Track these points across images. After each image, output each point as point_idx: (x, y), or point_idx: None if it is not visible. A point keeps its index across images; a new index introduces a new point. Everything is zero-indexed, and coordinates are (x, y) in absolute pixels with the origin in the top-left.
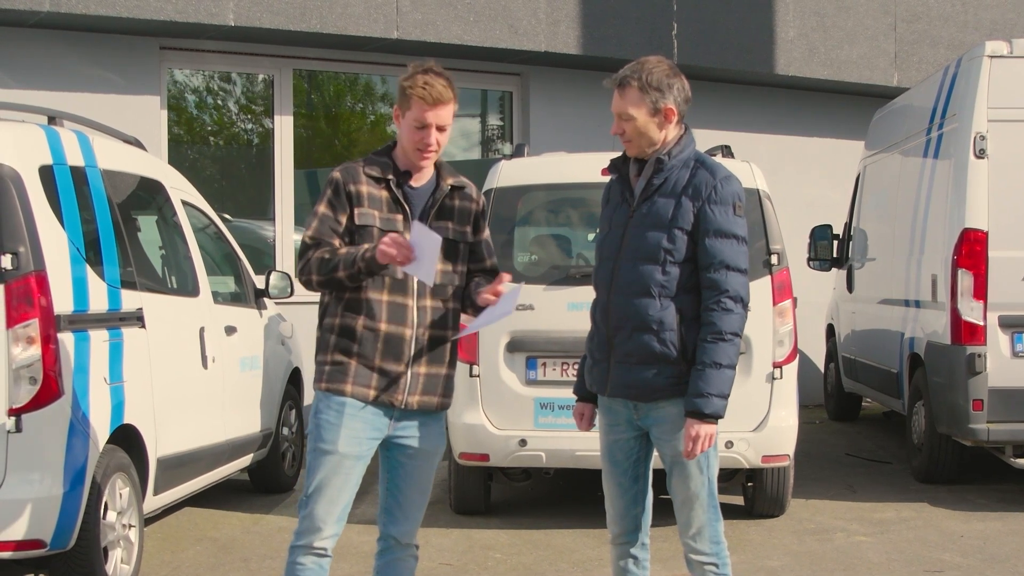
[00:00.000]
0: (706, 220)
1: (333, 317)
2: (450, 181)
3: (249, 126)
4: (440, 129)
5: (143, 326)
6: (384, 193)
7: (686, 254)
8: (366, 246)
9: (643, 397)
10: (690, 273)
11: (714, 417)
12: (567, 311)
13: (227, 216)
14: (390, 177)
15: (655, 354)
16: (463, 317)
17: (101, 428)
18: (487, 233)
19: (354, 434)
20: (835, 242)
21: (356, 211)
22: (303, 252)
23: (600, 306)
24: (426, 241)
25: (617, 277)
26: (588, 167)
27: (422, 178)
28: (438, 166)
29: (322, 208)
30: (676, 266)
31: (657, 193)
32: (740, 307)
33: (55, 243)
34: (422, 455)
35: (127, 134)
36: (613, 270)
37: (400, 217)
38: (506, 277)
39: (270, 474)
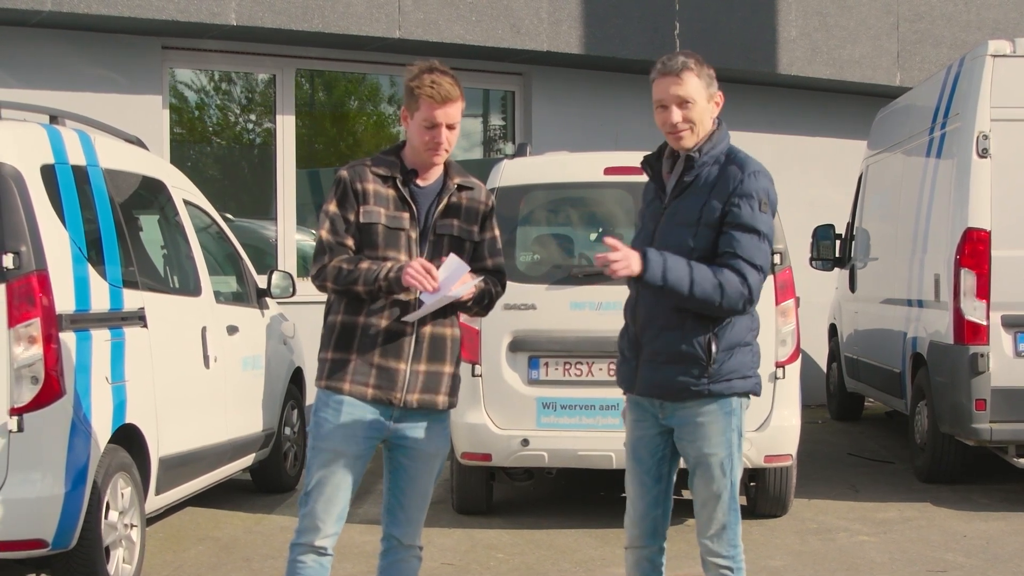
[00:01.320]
0: (731, 214)
1: (336, 314)
2: (457, 180)
3: (251, 126)
4: (449, 127)
5: (145, 325)
6: (391, 191)
7: (714, 252)
8: (389, 264)
9: (670, 396)
10: None
11: (644, 277)
12: (569, 310)
13: (229, 216)
14: (396, 175)
15: (682, 353)
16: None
17: (103, 428)
18: (495, 233)
19: (351, 432)
20: (838, 242)
21: (361, 208)
22: (318, 254)
23: (630, 304)
24: (456, 272)
25: None
26: (590, 167)
27: (429, 177)
28: (446, 165)
29: (332, 207)
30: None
31: (687, 191)
32: (745, 301)
33: (57, 242)
34: (423, 457)
35: (129, 133)
36: None
37: (407, 215)
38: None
39: (272, 474)
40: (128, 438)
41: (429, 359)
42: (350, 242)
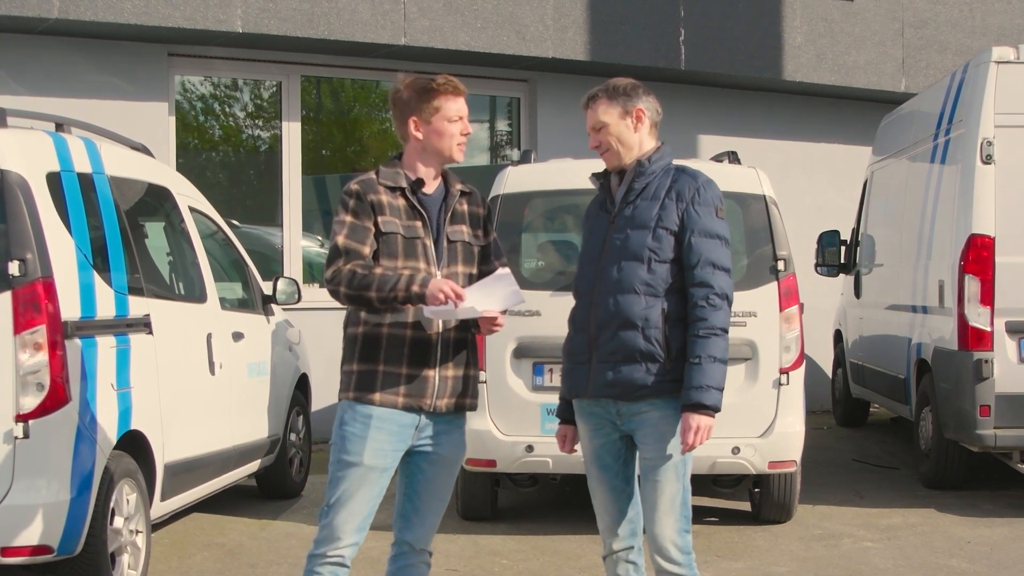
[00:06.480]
0: (691, 220)
1: (356, 326)
2: (458, 186)
3: (257, 132)
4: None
5: (150, 332)
6: (401, 201)
7: (672, 254)
8: (407, 274)
9: (626, 396)
10: (676, 274)
11: (713, 409)
12: None
13: (235, 222)
14: (404, 186)
15: (641, 352)
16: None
17: (108, 434)
18: (494, 235)
19: (380, 446)
20: (843, 248)
21: (380, 219)
22: (332, 258)
23: (583, 307)
24: (496, 288)
25: (601, 277)
26: None
27: (431, 185)
28: (444, 173)
29: (348, 217)
30: (662, 265)
31: (639, 197)
32: (727, 304)
33: (62, 250)
34: (443, 462)
35: (134, 141)
36: (597, 272)
37: (419, 223)
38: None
39: (277, 480)
40: (133, 444)
41: (455, 364)
42: (367, 250)
